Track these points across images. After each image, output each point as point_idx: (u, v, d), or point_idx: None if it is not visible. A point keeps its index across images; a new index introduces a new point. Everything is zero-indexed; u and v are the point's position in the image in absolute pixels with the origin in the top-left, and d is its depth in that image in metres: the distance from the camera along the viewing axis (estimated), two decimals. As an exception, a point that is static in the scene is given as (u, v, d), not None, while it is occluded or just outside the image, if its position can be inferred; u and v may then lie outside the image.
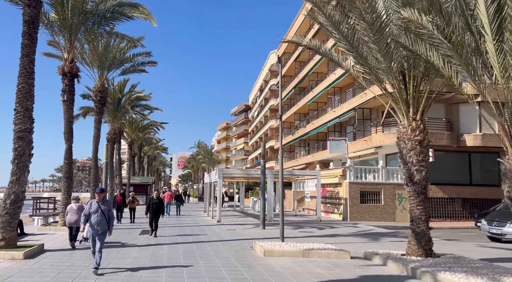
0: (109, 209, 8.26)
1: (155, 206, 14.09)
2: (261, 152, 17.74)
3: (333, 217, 23.53)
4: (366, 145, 25.18)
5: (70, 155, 16.49)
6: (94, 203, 8.20)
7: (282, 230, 12.06)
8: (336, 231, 16.45)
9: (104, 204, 8.21)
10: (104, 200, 8.29)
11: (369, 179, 22.31)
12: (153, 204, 14.14)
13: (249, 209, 32.15)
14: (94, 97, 22.47)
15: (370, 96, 24.16)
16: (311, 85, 38.09)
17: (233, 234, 15.15)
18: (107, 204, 8.26)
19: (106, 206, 8.20)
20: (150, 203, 14.25)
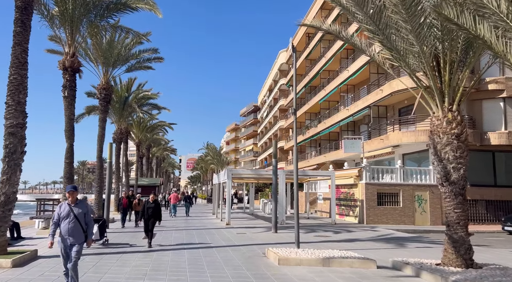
0: (86, 213, 6.36)
1: (150, 211, 12.06)
2: (273, 151, 16.68)
3: (348, 220, 22.32)
4: (383, 144, 23.93)
5: (71, 154, 15.61)
6: (65, 206, 6.25)
7: (297, 235, 10.96)
8: (353, 236, 15.28)
9: (79, 207, 6.29)
10: (78, 201, 6.38)
11: (386, 180, 21.07)
12: (148, 208, 12.15)
13: (259, 211, 31.07)
14: (98, 95, 21.64)
15: (387, 93, 22.98)
16: (323, 84, 36.91)
17: (243, 238, 14.10)
18: (82, 206, 6.34)
19: (81, 208, 6.29)
20: (144, 208, 12.32)
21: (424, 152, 22.83)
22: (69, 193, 6.34)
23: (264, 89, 74.22)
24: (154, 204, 12.16)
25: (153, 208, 12.05)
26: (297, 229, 10.98)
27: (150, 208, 12.07)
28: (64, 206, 6.30)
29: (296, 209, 11.18)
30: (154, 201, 12.25)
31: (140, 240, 13.18)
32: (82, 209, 6.30)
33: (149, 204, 12.23)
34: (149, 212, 12.02)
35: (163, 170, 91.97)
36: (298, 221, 11.12)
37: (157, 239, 13.44)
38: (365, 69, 26.84)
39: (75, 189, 6.45)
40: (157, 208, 12.11)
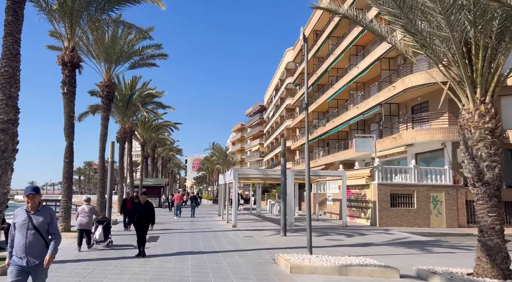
0: (50, 223, 4.52)
1: (142, 214, 10.29)
2: (281, 149, 15.87)
3: (359, 222, 21.43)
4: (395, 142, 22.99)
5: (71, 153, 14.93)
6: (21, 213, 4.50)
7: (310, 240, 10.14)
8: (367, 239, 14.41)
9: (41, 214, 4.47)
10: (40, 208, 4.52)
11: (399, 180, 20.13)
12: (139, 211, 10.34)
13: (266, 213, 30.26)
14: (101, 93, 21.00)
15: (399, 89, 22.06)
16: (331, 82, 36.01)
17: (250, 242, 13.30)
18: (45, 214, 4.51)
19: (43, 217, 4.47)
20: (134, 210, 10.55)
21: (439, 151, 21.89)
22: (28, 196, 4.47)
23: (270, 89, 73.43)
24: (147, 206, 10.47)
25: (145, 211, 10.35)
26: (309, 233, 10.16)
27: (142, 212, 10.35)
28: (20, 213, 4.50)
29: (308, 211, 10.36)
30: (146, 202, 10.53)
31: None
32: (44, 218, 4.46)
33: (139, 207, 10.50)
34: (141, 215, 10.29)
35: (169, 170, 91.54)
36: (310, 224, 10.30)
37: (159, 243, 12.71)
38: (376, 66, 25.93)
39: (36, 191, 4.50)
40: (150, 210, 10.41)
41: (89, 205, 11.46)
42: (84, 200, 12.14)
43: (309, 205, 10.45)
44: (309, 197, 10.53)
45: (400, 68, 24.38)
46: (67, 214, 14.47)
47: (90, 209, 11.34)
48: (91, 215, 11.29)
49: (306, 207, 10.47)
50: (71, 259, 9.64)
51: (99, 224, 11.65)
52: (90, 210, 11.36)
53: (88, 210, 11.28)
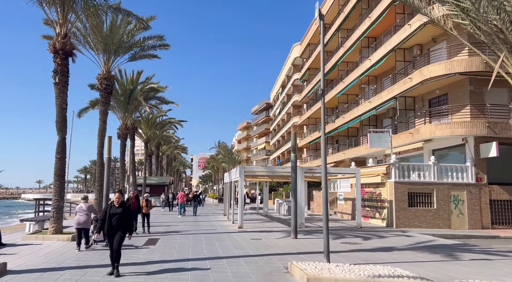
0: None
1: (115, 220, 7.61)
2: (291, 143, 14.57)
3: (374, 223, 20.06)
4: (412, 138, 21.56)
5: (63, 148, 13.76)
6: None
7: (327, 245, 8.86)
8: (387, 242, 13.08)
9: None
10: None
11: (416, 178, 18.72)
12: (111, 215, 7.66)
13: (273, 212, 29.00)
14: (99, 86, 19.81)
15: (417, 81, 20.64)
16: (341, 76, 34.59)
17: (258, 245, 12.04)
18: None
19: None
20: (106, 214, 7.74)
21: (459, 147, 20.45)
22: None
23: (276, 86, 72.11)
24: (122, 209, 7.69)
25: (120, 215, 7.60)
26: (326, 237, 8.88)
27: (116, 215, 7.59)
28: None
29: (326, 213, 9.07)
30: (122, 204, 7.79)
31: (138, 248, 11.24)
32: None
33: (114, 208, 7.72)
34: (113, 221, 7.58)
35: (174, 169, 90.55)
36: (327, 227, 9.01)
37: (158, 247, 11.49)
38: (390, 57, 24.49)
39: None
40: (125, 215, 7.70)
41: (86, 203, 11.14)
42: (81, 198, 11.70)
43: (326, 205, 9.17)
44: (326, 196, 9.24)
45: (416, 60, 22.94)
46: (59, 214, 13.30)
47: (88, 207, 11.04)
48: (89, 213, 11.03)
49: (323, 207, 9.19)
50: (54, 267, 8.45)
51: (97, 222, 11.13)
52: (88, 208, 11.05)
53: (86, 208, 10.98)
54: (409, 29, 21.68)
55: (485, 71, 18.12)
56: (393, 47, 23.64)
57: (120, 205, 7.84)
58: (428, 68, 19.78)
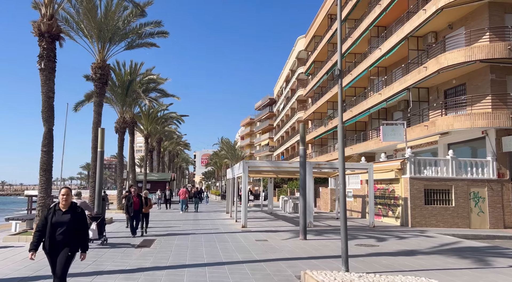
0: None
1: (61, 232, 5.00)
2: (300, 135, 13.29)
3: (386, 222, 18.78)
4: (427, 131, 20.21)
5: (50, 140, 12.58)
6: None
7: (345, 251, 7.60)
8: (407, 244, 11.80)
9: None
10: None
11: (433, 173, 17.39)
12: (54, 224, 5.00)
13: (278, 210, 27.78)
14: (93, 75, 18.64)
15: (432, 70, 19.28)
16: (349, 68, 33.19)
17: (264, 248, 10.80)
18: None
19: None
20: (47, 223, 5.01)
21: (478, 141, 19.10)
22: None
23: (280, 81, 70.71)
24: (71, 216, 5.10)
25: (68, 224, 5.04)
26: (345, 242, 7.62)
27: (62, 225, 5.01)
28: None
29: (344, 213, 7.80)
30: (71, 209, 5.17)
31: (130, 252, 10.04)
32: None
33: (58, 214, 5.06)
34: (57, 234, 4.99)
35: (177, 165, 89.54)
36: (346, 230, 7.76)
37: (153, 249, 10.28)
38: (403, 46, 23.07)
39: None
40: (76, 225, 5.13)
41: (79, 200, 10.47)
42: (74, 195, 10.65)
43: (344, 205, 7.89)
44: (344, 194, 7.96)
45: (431, 48, 21.55)
46: (45, 213, 12.09)
47: (81, 204, 10.12)
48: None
49: (341, 207, 7.92)
50: (27, 276, 7.25)
51: (92, 220, 10.80)
52: (81, 205, 9.87)
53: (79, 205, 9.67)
54: (424, 15, 20.29)
55: (509, 58, 16.75)
56: (405, 35, 22.23)
57: (68, 209, 5.14)
58: (446, 56, 18.40)
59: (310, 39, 45.39)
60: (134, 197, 13.03)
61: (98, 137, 14.57)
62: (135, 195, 13.06)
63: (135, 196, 13.11)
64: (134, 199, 12.94)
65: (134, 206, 12.69)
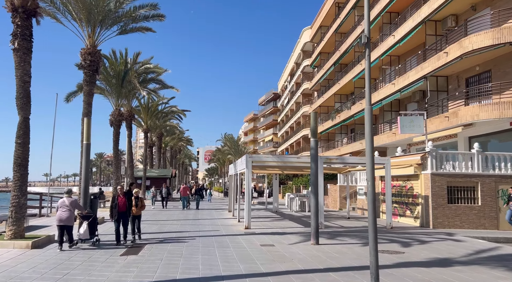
0: None
1: None
2: (311, 125, 11.63)
3: (404, 222, 17.12)
4: (448, 123, 18.50)
5: (26, 131, 11.00)
6: None
7: (375, 266, 5.98)
8: (436, 250, 10.15)
9: None
10: None
11: (457, 169, 15.69)
12: None
13: (283, 208, 26.19)
14: (82, 62, 17.01)
15: (455, 55, 17.56)
16: (358, 58, 31.41)
17: (271, 256, 9.20)
18: None
19: None
20: None
21: (504, 133, 17.39)
22: None
23: (284, 74, 68.94)
24: None
25: None
26: (375, 255, 6.00)
27: None
28: None
29: (373, 217, 6.18)
30: None
31: (115, 259, 8.48)
32: None
33: None
34: None
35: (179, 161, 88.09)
36: (376, 239, 6.14)
37: (140, 258, 8.71)
38: (419, 32, 21.30)
39: None
40: None
41: (70, 198, 10.06)
42: (64, 192, 10.64)
43: (373, 206, 6.26)
44: (373, 191, 6.32)
45: (450, 33, 19.77)
46: (20, 214, 10.56)
47: (71, 202, 9.94)
48: (73, 209, 9.96)
49: (369, 209, 6.31)
50: None
51: (83, 219, 10.28)
52: (71, 203, 9.94)
53: (69, 203, 9.90)
54: None
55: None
56: (423, 19, 20.45)
57: None
58: (470, 39, 16.64)
59: (316, 30, 43.58)
60: (120, 196, 10.80)
61: (84, 129, 13.04)
62: (121, 194, 10.82)
63: (121, 195, 10.84)
64: (120, 199, 10.70)
65: (119, 207, 10.54)
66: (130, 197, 11.09)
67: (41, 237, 10.54)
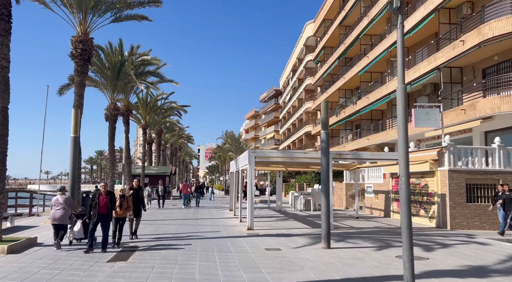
0: None
1: None
2: (322, 116, 10.48)
3: (418, 222, 15.96)
4: (464, 116, 17.33)
5: (4, 122, 9.87)
6: None
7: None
8: (465, 257, 9.02)
9: None
10: None
11: (475, 165, 14.52)
12: None
13: (287, 207, 25.07)
14: (73, 51, 15.87)
15: (473, 43, 16.36)
16: (364, 50, 30.22)
17: (279, 262, 8.08)
18: None
19: None
20: None
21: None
22: None
23: (286, 71, 67.73)
24: None
25: None
26: (410, 270, 4.85)
27: None
28: None
29: (408, 218, 5.04)
30: None
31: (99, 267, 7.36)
32: None
33: None
34: None
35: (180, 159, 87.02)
36: (411, 247, 5.00)
37: (128, 265, 7.58)
38: (432, 20, 20.07)
39: None
40: None
41: (64, 195, 9.73)
42: (58, 190, 10.24)
43: (408, 205, 5.12)
44: (407, 190, 5.19)
45: (466, 20, 18.57)
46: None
47: (65, 200, 9.59)
48: (67, 207, 9.56)
49: (402, 210, 5.16)
50: None
51: (78, 218, 9.84)
52: (65, 201, 9.59)
53: (63, 201, 9.56)
54: None
55: None
56: (436, 7, 19.24)
57: None
58: (490, 25, 15.45)
59: (320, 24, 42.35)
60: (101, 194, 9.22)
61: (72, 121, 11.90)
62: (103, 192, 9.23)
63: (103, 193, 9.24)
64: (101, 198, 9.15)
65: (99, 207, 9.04)
66: (113, 197, 9.40)
67: (20, 240, 9.43)
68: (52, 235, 10.58)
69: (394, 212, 17.99)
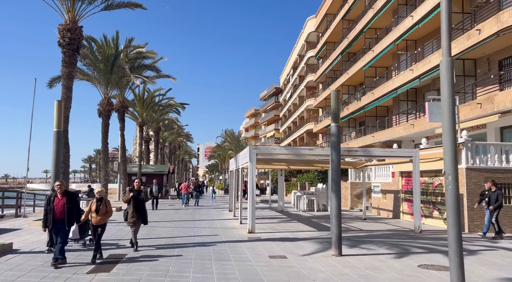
0: None
1: None
2: (332, 107, 9.36)
3: (430, 224, 14.87)
4: (481, 110, 16.21)
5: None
6: None
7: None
8: (496, 265, 7.93)
9: None
10: None
11: (496, 163, 13.43)
12: None
13: (290, 207, 23.97)
14: (61, 40, 14.82)
15: (490, 32, 15.26)
16: (369, 44, 29.09)
17: (285, 274, 6.97)
18: None
19: None
20: None
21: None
22: None
23: (287, 68, 66.58)
24: None
25: None
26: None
27: None
28: None
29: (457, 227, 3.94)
30: None
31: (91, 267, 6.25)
32: None
33: None
34: None
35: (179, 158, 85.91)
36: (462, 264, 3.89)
37: (111, 278, 6.47)
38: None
39: None
40: None
41: None
42: (51, 189, 9.26)
43: (457, 212, 4.02)
44: (457, 189, 4.10)
45: (480, 9, 17.46)
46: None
47: None
48: None
49: (451, 215, 4.05)
50: None
51: None
52: None
53: None
54: None
55: None
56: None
57: None
58: (510, 12, 14.33)
59: (322, 19, 41.22)
60: (57, 196, 7.62)
61: (55, 114, 10.77)
62: (60, 194, 7.63)
63: (60, 195, 7.63)
64: (57, 201, 7.54)
65: (55, 213, 7.45)
66: (73, 198, 7.83)
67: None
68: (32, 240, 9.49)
69: (404, 213, 16.89)
